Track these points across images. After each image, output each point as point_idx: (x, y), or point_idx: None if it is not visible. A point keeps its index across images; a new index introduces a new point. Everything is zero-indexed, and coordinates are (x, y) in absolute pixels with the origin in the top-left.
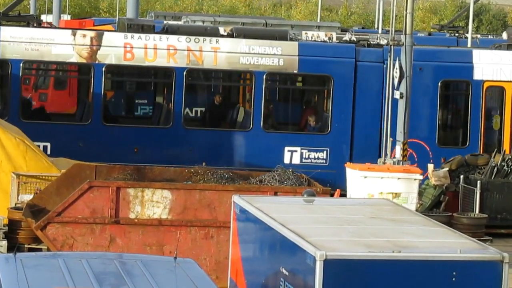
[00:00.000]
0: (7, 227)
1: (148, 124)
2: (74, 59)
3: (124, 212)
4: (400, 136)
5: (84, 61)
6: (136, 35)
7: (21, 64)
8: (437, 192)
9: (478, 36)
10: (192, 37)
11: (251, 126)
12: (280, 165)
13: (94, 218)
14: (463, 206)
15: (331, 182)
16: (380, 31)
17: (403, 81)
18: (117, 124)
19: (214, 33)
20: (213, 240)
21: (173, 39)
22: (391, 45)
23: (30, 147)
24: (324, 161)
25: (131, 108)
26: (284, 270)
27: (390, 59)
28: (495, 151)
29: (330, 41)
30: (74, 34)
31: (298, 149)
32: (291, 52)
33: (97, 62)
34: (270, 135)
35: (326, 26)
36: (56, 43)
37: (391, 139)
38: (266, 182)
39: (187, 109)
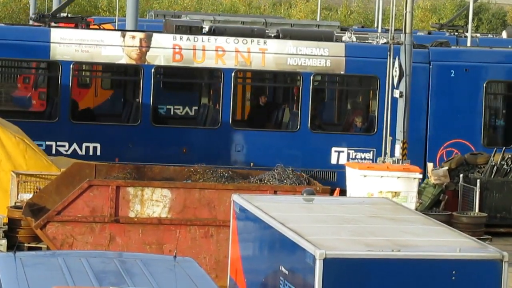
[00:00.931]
0: (6, 226)
1: (197, 125)
2: (124, 60)
3: (124, 211)
4: (399, 135)
5: (133, 62)
6: (185, 37)
7: (71, 66)
8: (436, 191)
9: (478, 35)
10: (240, 39)
11: (298, 126)
12: (280, 164)
13: (94, 217)
14: (463, 205)
15: None
16: (379, 30)
17: (403, 80)
18: (166, 125)
19: (261, 34)
20: (212, 239)
21: (221, 41)
22: (390, 44)
23: (29, 146)
24: (370, 162)
25: (180, 109)
26: (283, 269)
27: (390, 58)
28: (494, 150)
29: None
30: (124, 36)
31: (345, 149)
32: (338, 53)
33: (146, 63)
34: (317, 136)
35: (325, 25)
36: (105, 45)
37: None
38: (265, 181)
39: (235, 110)
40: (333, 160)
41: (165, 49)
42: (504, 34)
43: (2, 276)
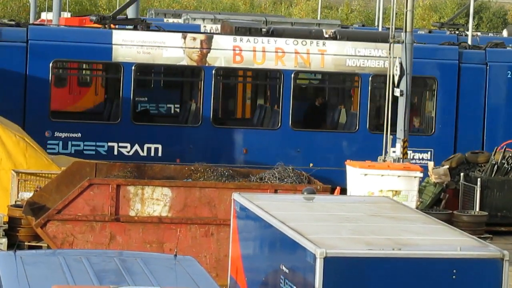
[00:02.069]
0: (7, 225)
1: (257, 126)
2: (185, 62)
3: (124, 210)
4: (400, 133)
5: (194, 64)
6: (245, 38)
7: (133, 67)
8: (437, 190)
9: (479, 33)
10: (299, 40)
11: (357, 127)
12: (280, 163)
13: (94, 216)
14: (463, 203)
15: None
16: (380, 28)
17: (403, 78)
18: (227, 126)
19: (319, 35)
20: (213, 238)
21: (281, 42)
22: (391, 43)
23: (30, 144)
24: (429, 161)
25: (240, 110)
26: (284, 268)
27: (391, 57)
28: (495, 149)
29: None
30: (185, 37)
31: None
32: (396, 54)
33: (207, 65)
34: (375, 136)
35: (326, 24)
36: (167, 46)
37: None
38: (266, 180)
39: (294, 111)
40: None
41: (225, 51)
42: (505, 33)
43: (2, 275)
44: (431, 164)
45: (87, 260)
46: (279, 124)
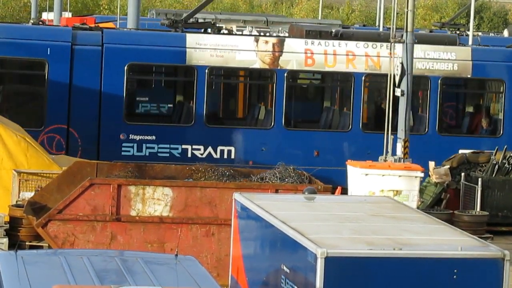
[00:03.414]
0: (8, 225)
1: (328, 128)
2: (257, 65)
3: (125, 210)
4: (401, 133)
5: (266, 67)
6: (316, 41)
7: (206, 70)
8: (438, 190)
9: (479, 33)
10: (370, 43)
11: (426, 129)
12: (281, 162)
13: (95, 216)
14: (464, 203)
15: None
16: (381, 28)
17: (404, 78)
18: (298, 128)
19: (387, 38)
20: (214, 238)
21: (351, 45)
22: (392, 43)
23: (31, 144)
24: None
25: (311, 112)
26: (285, 268)
27: (392, 57)
28: (496, 148)
29: None
30: (257, 41)
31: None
32: (465, 57)
33: (279, 68)
34: (444, 138)
35: (327, 24)
36: (240, 50)
37: None
38: (267, 180)
39: (364, 114)
40: None
41: (297, 54)
42: (505, 33)
43: (3, 274)
44: (432, 164)
45: (88, 260)
46: (350, 127)
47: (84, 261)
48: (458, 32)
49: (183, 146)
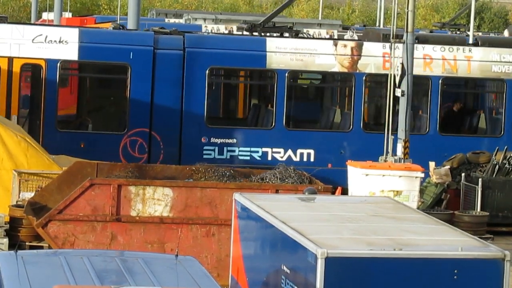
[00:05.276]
0: (8, 225)
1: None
2: (336, 68)
3: (126, 210)
4: (401, 134)
5: (345, 70)
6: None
7: (286, 74)
8: (438, 190)
9: (480, 34)
10: (446, 46)
11: (502, 132)
12: (282, 163)
13: (96, 216)
14: (465, 204)
15: None
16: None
17: (405, 78)
18: (376, 131)
19: (462, 42)
20: (214, 238)
21: (428, 49)
22: (392, 43)
23: (31, 144)
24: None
25: (388, 115)
26: (285, 268)
27: (392, 57)
28: (496, 149)
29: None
30: (336, 44)
31: None
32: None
33: (358, 71)
34: None
35: (327, 24)
36: (319, 53)
37: None
38: (267, 180)
39: (441, 116)
40: None
41: (375, 58)
42: (506, 33)
43: (3, 275)
44: (432, 164)
45: (88, 260)
46: (427, 129)
47: (84, 261)
48: (458, 32)
49: (263, 149)
